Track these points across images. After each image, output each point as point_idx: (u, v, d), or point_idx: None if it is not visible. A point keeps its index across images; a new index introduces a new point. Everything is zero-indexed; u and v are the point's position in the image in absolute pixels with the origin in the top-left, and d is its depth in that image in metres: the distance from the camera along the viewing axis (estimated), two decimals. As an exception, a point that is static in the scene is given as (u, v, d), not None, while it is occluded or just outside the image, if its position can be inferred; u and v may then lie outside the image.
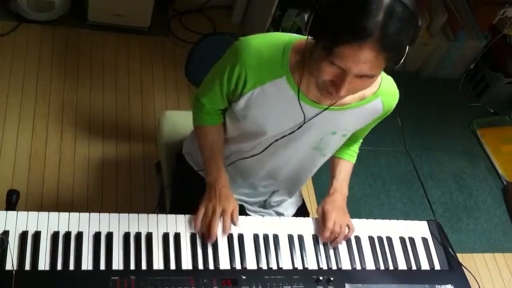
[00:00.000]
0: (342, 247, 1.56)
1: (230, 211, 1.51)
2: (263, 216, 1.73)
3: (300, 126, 1.47)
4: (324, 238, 1.54)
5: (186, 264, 1.40)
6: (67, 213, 1.39)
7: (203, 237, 1.46)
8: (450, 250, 1.64)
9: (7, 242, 1.31)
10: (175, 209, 1.70)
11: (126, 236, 1.40)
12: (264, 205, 1.79)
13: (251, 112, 1.47)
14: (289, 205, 1.82)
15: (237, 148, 1.62)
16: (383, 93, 1.48)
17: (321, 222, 1.57)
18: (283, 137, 1.51)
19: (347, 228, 1.58)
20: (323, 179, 1.74)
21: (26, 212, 1.37)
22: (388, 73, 1.52)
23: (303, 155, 1.59)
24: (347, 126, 1.52)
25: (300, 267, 1.48)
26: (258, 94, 1.43)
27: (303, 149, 1.56)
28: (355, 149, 1.73)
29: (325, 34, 1.20)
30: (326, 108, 1.43)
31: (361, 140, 1.75)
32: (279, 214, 1.78)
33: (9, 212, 1.36)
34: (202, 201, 1.53)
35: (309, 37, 1.28)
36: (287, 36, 1.42)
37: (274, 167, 1.64)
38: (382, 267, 1.55)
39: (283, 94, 1.42)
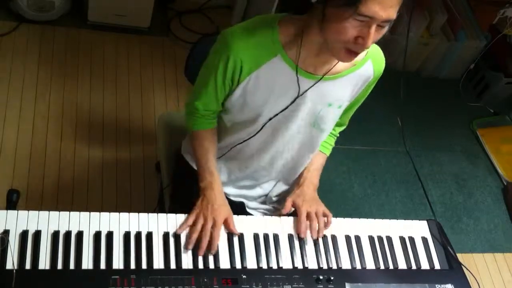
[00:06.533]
0: (342, 247, 1.55)
1: (221, 224, 1.48)
2: (262, 214, 1.73)
3: (294, 100, 1.47)
4: (301, 231, 1.52)
5: (187, 264, 1.40)
6: (67, 213, 1.39)
7: (187, 242, 1.43)
8: (450, 249, 1.64)
9: (8, 241, 1.31)
10: (175, 209, 1.70)
11: (127, 235, 1.40)
12: (265, 200, 1.79)
13: (248, 98, 1.47)
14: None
15: (236, 138, 1.61)
16: (372, 56, 1.50)
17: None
18: (277, 114, 1.50)
19: (324, 217, 1.58)
20: (323, 177, 1.75)
21: (27, 211, 1.37)
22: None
23: (303, 135, 1.59)
24: (342, 96, 1.52)
25: (300, 266, 1.48)
26: (253, 79, 1.44)
27: (302, 127, 1.56)
28: (331, 142, 1.75)
29: None
30: (321, 78, 1.44)
31: (337, 134, 1.75)
32: (277, 209, 1.77)
33: (9, 211, 1.36)
34: (194, 207, 1.51)
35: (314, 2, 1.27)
36: (270, 16, 1.43)
37: (276, 152, 1.63)
38: (382, 267, 1.55)
39: (280, 73, 1.42)
